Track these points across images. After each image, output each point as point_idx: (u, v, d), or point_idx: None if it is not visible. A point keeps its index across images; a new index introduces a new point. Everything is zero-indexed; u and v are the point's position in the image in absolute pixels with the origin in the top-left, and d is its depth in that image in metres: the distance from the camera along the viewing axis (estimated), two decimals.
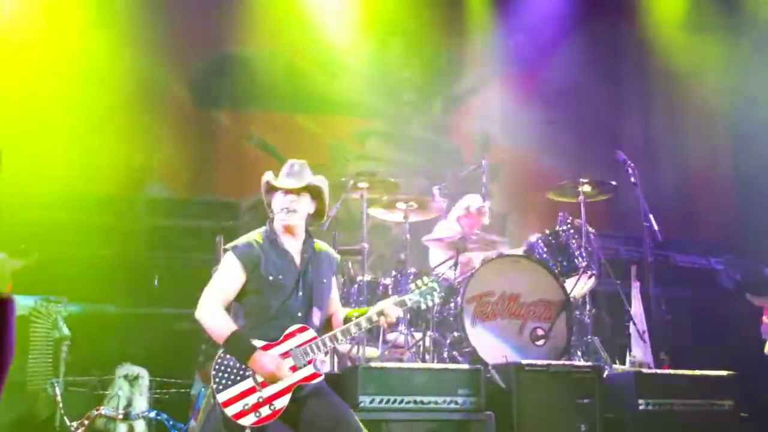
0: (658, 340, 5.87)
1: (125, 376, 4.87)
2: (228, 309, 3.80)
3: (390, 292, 5.74)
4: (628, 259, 6.45)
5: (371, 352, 5.58)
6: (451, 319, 5.62)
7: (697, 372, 5.23)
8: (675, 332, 6.05)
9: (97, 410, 4.77)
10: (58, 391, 4.76)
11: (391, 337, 5.68)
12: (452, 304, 5.66)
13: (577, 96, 7.49)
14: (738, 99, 7.21)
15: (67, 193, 6.54)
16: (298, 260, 3.89)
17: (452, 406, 4.79)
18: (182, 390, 4.92)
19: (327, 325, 3.97)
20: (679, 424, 5.02)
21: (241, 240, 3.90)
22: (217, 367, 3.68)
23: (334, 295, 4.08)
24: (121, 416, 4.76)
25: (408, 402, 4.75)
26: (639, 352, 5.81)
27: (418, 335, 5.58)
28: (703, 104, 7.37)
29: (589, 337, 5.69)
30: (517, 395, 4.90)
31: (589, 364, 5.22)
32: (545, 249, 5.83)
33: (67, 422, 4.68)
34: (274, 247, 3.87)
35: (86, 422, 4.68)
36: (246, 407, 3.62)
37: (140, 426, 4.82)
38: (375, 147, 7.49)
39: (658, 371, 5.36)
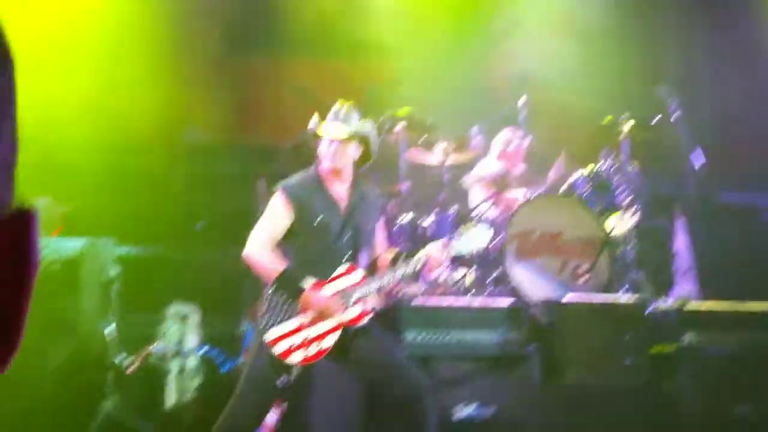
0: (703, 274, 5.83)
1: (176, 315, 4.96)
2: (276, 249, 3.83)
3: (429, 234, 5.76)
4: (671, 195, 6.38)
5: (414, 289, 5.62)
6: (493, 257, 5.64)
7: (742, 305, 5.21)
8: (720, 267, 6.01)
9: (149, 348, 4.87)
10: (110, 330, 4.86)
11: (433, 275, 5.72)
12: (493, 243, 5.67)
13: (618, 32, 7.35)
14: None
15: (110, 138, 6.60)
16: (344, 203, 3.91)
17: (494, 342, 4.84)
18: (231, 328, 5.00)
19: (374, 267, 4.00)
20: (724, 357, 5.02)
21: (289, 180, 3.93)
22: (265, 306, 3.73)
23: (381, 237, 4.10)
24: (172, 353, 4.87)
25: (450, 338, 4.81)
26: (683, 286, 5.78)
27: (460, 273, 5.61)
28: (744, 33, 7.19)
29: (634, 272, 5.68)
30: (559, 331, 4.94)
31: (632, 299, 5.22)
32: (587, 187, 5.81)
33: (121, 360, 4.79)
34: (321, 190, 3.90)
35: (139, 360, 4.79)
36: (293, 345, 3.67)
37: (192, 362, 4.93)
38: (412, 89, 7.43)
39: (703, 305, 5.34)
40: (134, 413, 4.88)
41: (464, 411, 4.59)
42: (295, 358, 3.67)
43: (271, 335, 3.68)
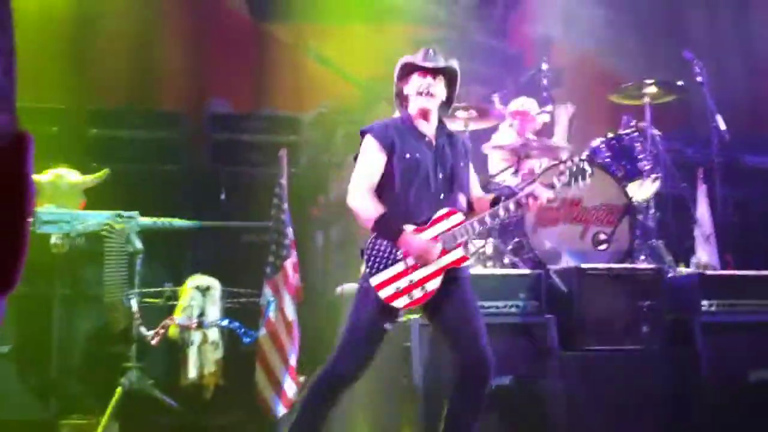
0: (724, 242, 5.79)
1: (197, 287, 5.04)
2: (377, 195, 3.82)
3: None
4: (694, 161, 6.30)
5: None
6: (512, 227, 5.63)
7: (763, 272, 5.17)
8: (741, 234, 5.96)
9: (171, 320, 4.96)
10: (133, 302, 4.96)
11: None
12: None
13: None
14: None
15: (131, 109, 6.67)
16: (433, 144, 3.87)
17: (513, 310, 4.86)
18: (252, 300, 5.07)
19: (470, 210, 3.96)
20: (744, 324, 5.00)
21: (374, 124, 3.94)
22: (368, 251, 3.74)
23: (474, 179, 4.08)
24: (194, 325, 4.96)
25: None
26: (704, 254, 5.74)
27: (479, 243, 5.62)
28: None
29: (653, 240, 5.64)
30: (578, 298, 4.94)
31: (651, 266, 5.19)
32: (608, 153, 5.76)
33: (144, 332, 4.90)
34: (409, 129, 3.87)
35: (161, 331, 4.89)
36: (398, 290, 3.69)
37: (213, 334, 5.01)
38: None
39: (723, 272, 5.31)
40: (156, 385, 5.00)
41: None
42: (401, 302, 3.70)
43: (376, 279, 3.70)
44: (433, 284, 3.71)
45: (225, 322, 5.00)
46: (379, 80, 6.96)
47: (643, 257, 5.50)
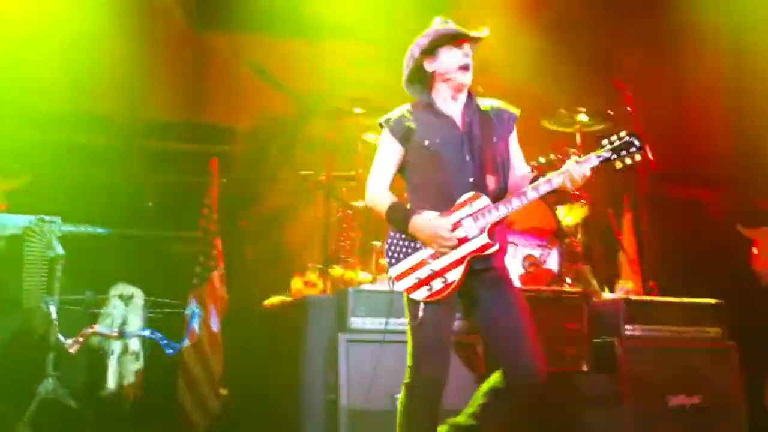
0: (648, 269, 5.92)
1: (120, 296, 4.91)
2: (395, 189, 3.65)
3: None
4: (621, 189, 6.45)
5: (364, 277, 5.64)
6: None
7: (685, 299, 5.31)
8: (664, 262, 6.10)
9: (91, 328, 4.82)
10: (53, 309, 4.80)
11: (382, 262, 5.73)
12: None
13: (575, 23, 7.37)
14: (741, 21, 7.10)
15: (60, 113, 6.48)
16: (459, 123, 3.58)
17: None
18: (176, 310, 4.96)
19: (505, 189, 3.63)
20: (665, 349, 5.11)
21: (391, 113, 3.68)
22: (387, 244, 3.56)
23: (516, 155, 3.72)
24: (115, 334, 4.82)
25: (399, 324, 4.81)
26: (628, 280, 5.87)
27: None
28: (701, 30, 7.26)
29: (580, 264, 5.74)
30: None
31: (577, 290, 5.28)
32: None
33: (62, 339, 4.74)
34: (430, 111, 3.60)
35: (81, 339, 4.74)
36: (417, 280, 3.48)
37: (135, 344, 4.89)
38: (375, 74, 7.39)
39: (646, 298, 5.43)
40: (74, 394, 4.84)
41: None
42: (421, 294, 3.47)
43: (395, 271, 3.51)
44: (455, 274, 3.44)
45: (147, 333, 4.87)
46: (316, 94, 6.96)
47: (569, 281, 5.58)
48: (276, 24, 7.32)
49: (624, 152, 3.54)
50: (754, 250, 6.28)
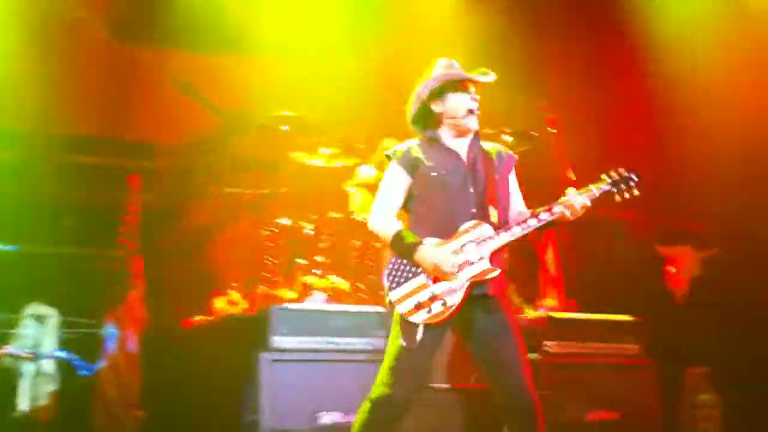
0: (569, 287, 6.02)
1: (33, 316, 4.77)
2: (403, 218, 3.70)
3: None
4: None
5: (289, 294, 5.59)
6: (368, 263, 5.67)
7: (605, 317, 5.42)
8: (585, 280, 6.21)
9: (3, 349, 4.67)
10: None
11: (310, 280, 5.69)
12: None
13: (502, 43, 7.49)
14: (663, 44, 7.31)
15: None
16: (464, 158, 3.71)
17: (368, 347, 4.86)
18: (92, 331, 4.83)
19: (506, 221, 3.73)
20: (586, 366, 5.20)
21: (401, 145, 3.76)
22: (389, 268, 3.59)
23: (515, 193, 3.85)
24: (28, 355, 4.68)
25: (323, 343, 4.80)
26: (550, 298, 5.95)
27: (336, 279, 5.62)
28: (624, 52, 7.46)
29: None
30: None
31: None
32: None
33: None
34: (436, 145, 3.71)
35: None
36: (418, 303, 3.51)
37: (48, 366, 4.75)
38: (303, 91, 7.36)
39: (568, 316, 5.51)
40: None
41: (328, 417, 4.58)
42: (420, 317, 3.50)
43: (395, 295, 3.54)
44: (455, 298, 3.51)
45: (62, 354, 4.74)
46: (243, 112, 6.89)
47: None
48: (202, 39, 7.24)
49: (623, 185, 3.75)
50: (671, 269, 6.45)
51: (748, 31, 6.91)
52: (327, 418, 4.58)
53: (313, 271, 5.64)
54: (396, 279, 3.57)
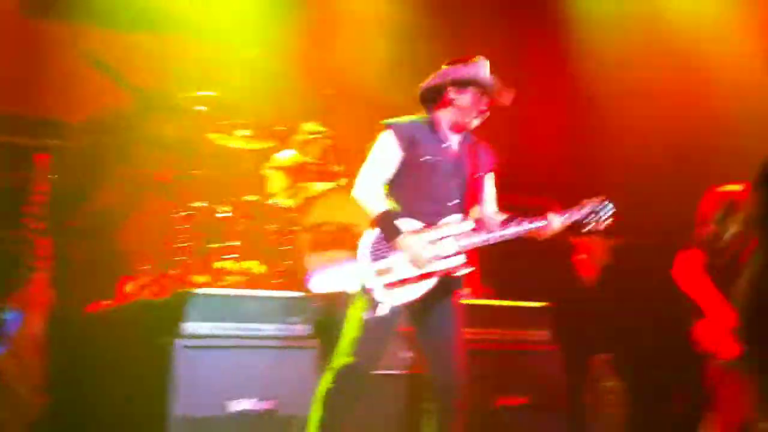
0: (486, 275, 6.09)
1: None
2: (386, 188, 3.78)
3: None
4: None
5: (200, 278, 5.51)
6: (284, 248, 5.63)
7: (514, 303, 5.53)
8: (495, 267, 6.30)
9: None
10: None
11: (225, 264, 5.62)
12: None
13: (426, 32, 7.53)
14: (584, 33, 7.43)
15: None
16: (454, 150, 3.84)
17: (279, 333, 4.83)
18: None
19: (482, 223, 3.93)
20: (496, 352, 5.29)
21: (401, 118, 3.83)
22: (372, 240, 3.69)
23: (492, 194, 4.01)
24: None
25: (234, 329, 4.74)
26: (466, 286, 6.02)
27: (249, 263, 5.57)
28: (545, 42, 7.58)
29: None
30: (339, 323, 4.98)
31: None
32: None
33: None
34: (433, 133, 3.82)
35: None
36: (384, 283, 3.67)
37: None
38: (220, 73, 7.25)
39: (481, 302, 5.60)
40: None
41: (240, 404, 4.53)
42: (381, 295, 3.65)
43: (373, 267, 3.66)
44: (425, 285, 3.68)
45: None
46: (158, 91, 6.73)
47: None
48: (118, 16, 7.06)
49: (593, 216, 3.94)
50: (581, 257, 6.61)
51: (663, 30, 7.09)
52: (237, 405, 4.53)
53: (227, 255, 5.58)
54: (371, 255, 3.68)
